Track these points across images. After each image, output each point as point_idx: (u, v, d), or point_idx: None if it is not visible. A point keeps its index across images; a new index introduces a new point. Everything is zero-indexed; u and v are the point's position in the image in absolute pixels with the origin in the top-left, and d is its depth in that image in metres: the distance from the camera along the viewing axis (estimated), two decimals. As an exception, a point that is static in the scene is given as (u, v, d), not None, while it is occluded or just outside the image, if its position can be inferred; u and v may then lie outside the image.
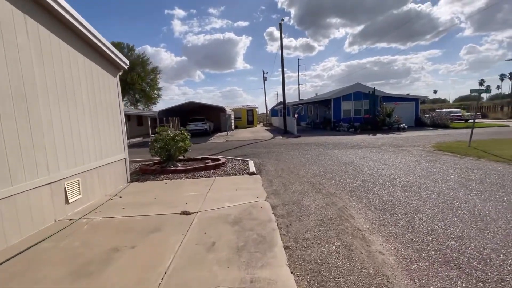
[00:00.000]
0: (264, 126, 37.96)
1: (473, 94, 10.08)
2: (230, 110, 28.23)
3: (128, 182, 6.88)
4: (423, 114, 24.58)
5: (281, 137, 18.50)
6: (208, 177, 7.08)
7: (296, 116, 20.73)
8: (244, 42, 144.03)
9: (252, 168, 7.62)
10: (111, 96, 6.32)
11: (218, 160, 8.94)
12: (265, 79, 50.37)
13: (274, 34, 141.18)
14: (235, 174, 7.23)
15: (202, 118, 21.60)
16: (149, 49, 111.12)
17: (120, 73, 6.99)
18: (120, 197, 5.58)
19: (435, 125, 20.90)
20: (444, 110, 30.28)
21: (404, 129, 18.93)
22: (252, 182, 6.27)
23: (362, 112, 22.68)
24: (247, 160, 9.14)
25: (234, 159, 9.68)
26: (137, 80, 35.22)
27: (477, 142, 10.66)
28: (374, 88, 20.83)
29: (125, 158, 6.84)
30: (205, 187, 6.01)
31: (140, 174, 7.84)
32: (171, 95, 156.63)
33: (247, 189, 5.69)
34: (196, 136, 21.59)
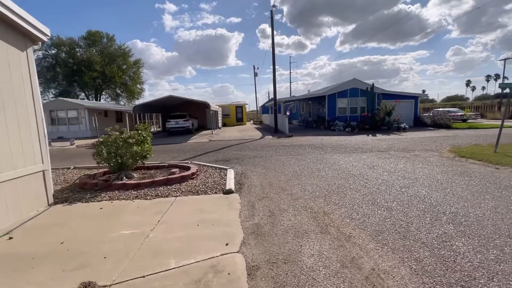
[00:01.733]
0: (254, 124, 36.02)
1: (504, 91, 8.46)
2: (217, 107, 26.13)
3: (50, 205, 4.80)
4: (421, 113, 23.21)
5: (271, 137, 16.60)
6: (167, 196, 5.09)
7: (287, 113, 18.89)
8: (236, 38, 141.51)
9: (230, 183, 5.66)
10: (12, 79, 4.21)
11: (188, 168, 6.94)
12: (255, 74, 48.34)
13: (267, 31, 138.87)
14: (205, 192, 5.26)
15: (183, 114, 19.43)
16: (139, 44, 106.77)
17: (37, 47, 4.84)
18: (11, 238, 3.52)
19: (437, 125, 19.50)
20: (441, 109, 29.19)
21: (405, 129, 17.40)
22: (226, 209, 4.32)
23: (358, 110, 21.06)
24: (226, 169, 7.17)
25: (211, 166, 7.69)
26: (117, 73, 32.46)
27: (499, 147, 9.07)
28: (373, 84, 19.21)
29: (43, 171, 4.75)
30: (153, 216, 4.03)
31: (77, 189, 5.76)
32: (161, 90, 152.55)
33: (216, 222, 3.74)
34: (177, 134, 19.44)
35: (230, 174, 6.57)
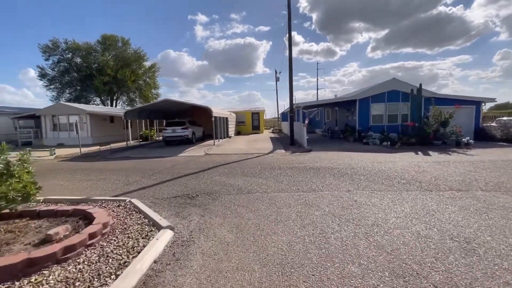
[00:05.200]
0: (272, 132, 32.49)
1: None
2: (228, 113, 23.10)
3: None
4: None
5: (283, 151, 12.96)
6: None
7: (306, 122, 15.14)
8: (264, 46, 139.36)
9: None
10: None
11: (95, 223, 3.67)
12: (277, 79, 45.01)
13: (295, 38, 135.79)
14: None
15: (182, 121, 16.58)
16: (172, 53, 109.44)
17: None
18: None
19: (510, 139, 14.40)
20: (505, 118, 23.38)
21: (468, 145, 12.72)
22: None
23: (399, 118, 16.63)
24: (161, 227, 3.80)
25: (145, 216, 4.37)
26: (129, 77, 31.08)
27: None
28: (420, 85, 14.76)
29: None
30: None
31: None
32: (191, 98, 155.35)
33: None
34: (174, 144, 16.60)
35: (152, 250, 3.16)
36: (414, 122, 14.46)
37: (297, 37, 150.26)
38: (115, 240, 3.52)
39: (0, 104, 45.35)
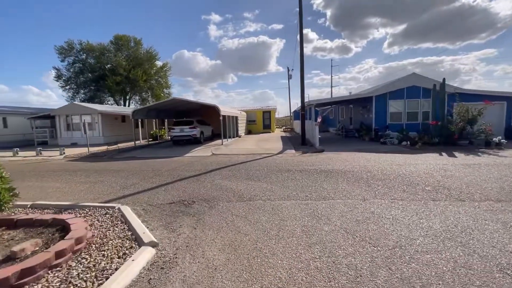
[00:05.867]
0: (284, 131, 31.71)
1: None
2: (238, 112, 22.58)
3: None
4: None
5: (293, 151, 12.25)
6: None
7: (319, 120, 14.32)
8: (278, 45, 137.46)
9: None
10: None
11: (72, 239, 3.20)
12: (290, 77, 44.16)
13: (309, 35, 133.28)
14: None
15: (190, 121, 16.21)
16: (186, 53, 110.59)
17: None
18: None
19: (549, 138, 12.94)
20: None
21: (499, 145, 11.48)
22: None
23: (420, 116, 15.45)
24: (136, 247, 3.27)
25: (128, 228, 3.87)
26: (141, 77, 31.26)
27: None
28: (444, 80, 13.56)
29: None
30: None
31: None
32: (205, 97, 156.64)
33: None
34: (181, 144, 16.28)
35: (123, 276, 2.62)
36: (437, 120, 13.30)
37: (310, 34, 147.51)
38: (86, 260, 3.03)
39: (24, 105, 47.15)
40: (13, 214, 4.74)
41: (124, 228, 3.93)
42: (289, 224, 3.97)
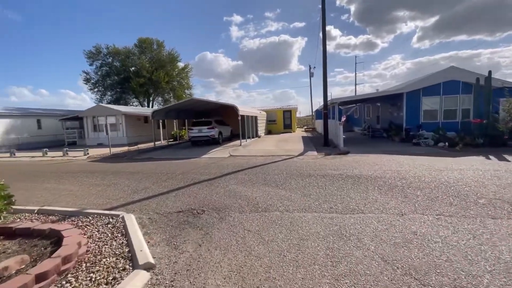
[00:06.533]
0: (305, 131, 30.65)
1: None
2: (258, 111, 22.04)
3: None
4: None
5: (315, 153, 11.43)
6: None
7: (343, 119, 13.34)
8: (299, 43, 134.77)
9: None
10: None
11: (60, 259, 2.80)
12: (311, 75, 42.87)
13: (331, 32, 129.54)
14: None
15: (208, 121, 15.94)
16: (208, 55, 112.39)
17: None
18: None
19: None
20: None
21: (561, 147, 9.80)
22: None
23: (458, 114, 13.87)
24: (128, 270, 2.79)
25: (125, 240, 3.44)
26: (163, 78, 31.85)
27: None
28: (490, 72, 11.95)
29: None
30: None
31: None
32: (227, 98, 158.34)
33: None
34: (199, 145, 16.06)
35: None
36: (480, 119, 11.76)
37: (333, 31, 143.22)
38: (70, 284, 2.61)
39: (62, 107, 50.40)
40: (18, 220, 4.56)
41: (122, 242, 3.51)
42: (310, 245, 3.31)
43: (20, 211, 5.02)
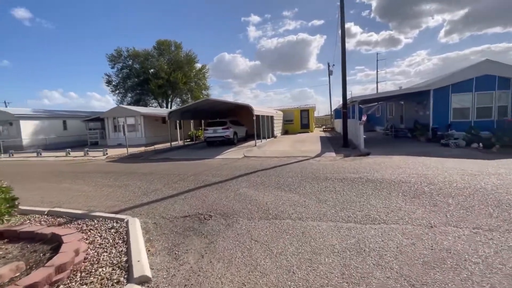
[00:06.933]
0: (324, 131, 29.77)
1: None
2: (274, 111, 21.65)
3: None
4: None
5: (333, 154, 10.88)
6: None
7: (364, 118, 12.63)
8: (318, 41, 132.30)
9: None
10: None
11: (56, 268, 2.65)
12: (330, 73, 41.70)
13: (351, 29, 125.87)
14: None
15: (223, 121, 15.80)
16: (226, 56, 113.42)
17: None
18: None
19: None
20: None
21: None
22: None
23: (494, 112, 12.67)
24: (122, 283, 2.55)
25: (125, 248, 3.24)
26: (180, 79, 32.35)
27: None
28: (531, 65, 10.74)
29: None
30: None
31: None
32: (244, 98, 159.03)
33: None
34: (214, 145, 15.97)
35: None
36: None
37: (353, 28, 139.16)
38: (60, 298, 2.43)
39: (88, 109, 52.99)
40: (27, 221, 4.56)
41: (121, 250, 3.32)
42: (323, 260, 2.93)
43: (32, 212, 5.05)
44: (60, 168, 11.20)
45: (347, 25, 13.15)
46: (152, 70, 32.85)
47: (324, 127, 35.07)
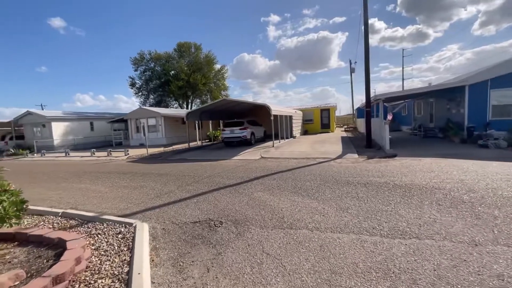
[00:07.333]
0: (345, 131, 28.64)
1: None
2: (293, 111, 21.09)
3: None
4: None
5: (356, 156, 10.22)
6: None
7: (389, 117, 11.79)
8: (340, 39, 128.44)
9: None
10: None
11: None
12: (352, 70, 40.25)
13: (375, 25, 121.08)
14: None
15: (240, 122, 15.58)
16: (246, 56, 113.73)
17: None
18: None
19: None
20: None
21: None
22: None
23: (542, 108, 11.24)
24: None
25: (129, 257, 3.04)
26: (200, 80, 32.72)
27: None
28: None
29: None
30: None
31: None
32: (264, 98, 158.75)
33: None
34: (232, 146, 15.80)
35: None
36: None
37: (377, 23, 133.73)
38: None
39: (116, 111, 55.44)
40: (41, 223, 4.57)
41: (124, 259, 3.13)
42: (344, 283, 2.52)
43: (48, 213, 5.09)
44: (83, 168, 11.58)
45: (370, 20, 12.37)
46: (172, 72, 33.57)
47: (345, 126, 33.81)
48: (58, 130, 23.34)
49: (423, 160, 8.38)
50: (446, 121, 14.29)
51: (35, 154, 19.54)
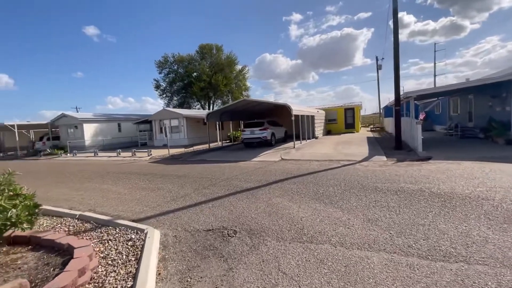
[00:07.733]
0: (371, 131, 27.21)
1: None
2: (315, 110, 20.35)
3: None
4: None
5: (384, 159, 9.46)
6: None
7: (422, 116, 10.84)
8: (365, 35, 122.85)
9: None
10: None
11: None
12: (379, 67, 38.26)
13: (404, 19, 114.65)
14: None
15: (260, 122, 15.24)
16: (268, 56, 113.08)
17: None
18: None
19: None
20: None
21: None
22: None
23: None
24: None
25: (134, 269, 2.83)
26: (221, 81, 32.93)
27: None
28: None
29: None
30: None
31: None
32: (285, 98, 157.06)
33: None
34: (252, 147, 15.52)
35: None
36: None
37: (406, 17, 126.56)
38: (46, 335, 2.08)
39: (143, 112, 58.01)
40: (58, 225, 4.58)
41: (130, 272, 2.94)
42: (376, 318, 2.08)
43: (66, 215, 5.13)
44: (107, 168, 11.95)
45: (399, 14, 11.49)
46: (195, 74, 34.17)
47: (371, 126, 32.18)
48: (89, 131, 24.64)
49: (462, 164, 7.49)
50: (488, 120, 12.86)
51: (68, 154, 20.75)
